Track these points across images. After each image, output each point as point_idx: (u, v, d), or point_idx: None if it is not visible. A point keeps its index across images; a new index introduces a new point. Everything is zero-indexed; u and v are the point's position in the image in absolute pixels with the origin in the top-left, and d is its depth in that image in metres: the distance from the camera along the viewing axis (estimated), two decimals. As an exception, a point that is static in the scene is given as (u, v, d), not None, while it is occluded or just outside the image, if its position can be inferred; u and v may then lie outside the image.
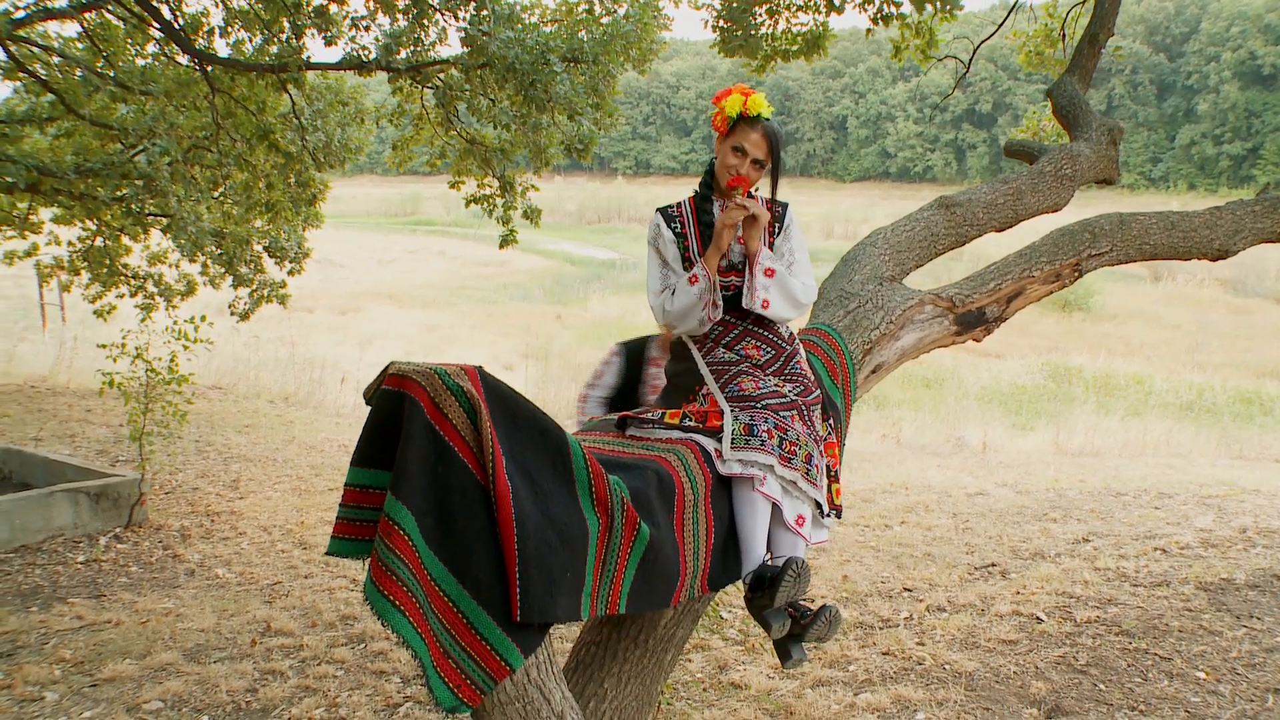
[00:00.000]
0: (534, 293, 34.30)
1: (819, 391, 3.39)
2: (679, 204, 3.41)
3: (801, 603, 3.22)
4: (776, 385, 3.25)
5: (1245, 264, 35.29)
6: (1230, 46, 71.43)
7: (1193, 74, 74.59)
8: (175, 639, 5.21)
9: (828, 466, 3.36)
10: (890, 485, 9.70)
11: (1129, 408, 16.81)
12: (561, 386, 16.25)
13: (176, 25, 9.36)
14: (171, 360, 7.04)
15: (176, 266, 12.26)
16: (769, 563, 3.17)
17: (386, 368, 2.41)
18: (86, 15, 9.46)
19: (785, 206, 3.41)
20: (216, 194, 10.97)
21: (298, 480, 9.06)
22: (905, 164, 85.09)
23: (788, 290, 3.28)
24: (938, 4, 7.90)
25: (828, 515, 3.33)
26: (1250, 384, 20.93)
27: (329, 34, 8.90)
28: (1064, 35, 8.46)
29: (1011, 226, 5.19)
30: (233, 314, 11.90)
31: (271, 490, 8.66)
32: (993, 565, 6.66)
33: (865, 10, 8.47)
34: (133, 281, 11.92)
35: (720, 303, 3.27)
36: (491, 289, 34.80)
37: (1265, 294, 35.57)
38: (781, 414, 3.15)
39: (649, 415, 3.29)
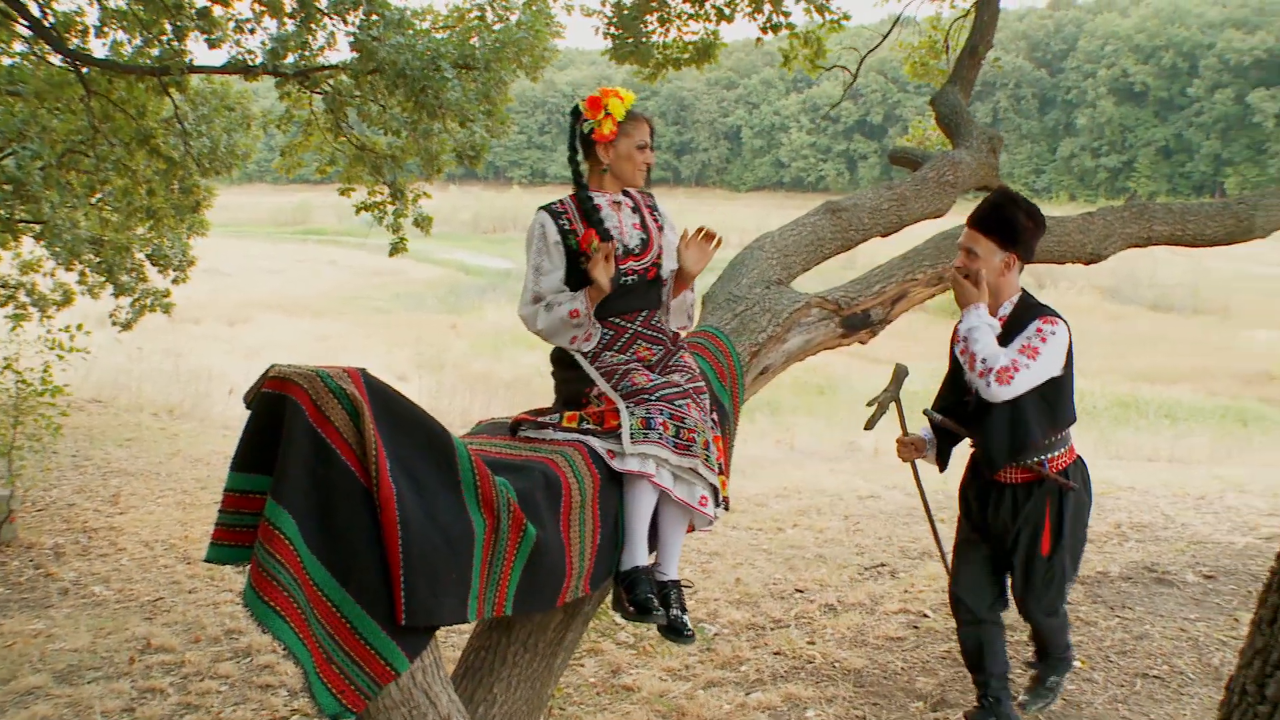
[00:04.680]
0: (428, 302, 33.83)
1: (704, 383, 3.44)
2: (561, 201, 3.44)
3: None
4: (666, 379, 3.28)
5: (1120, 272, 36.73)
6: (1105, 64, 74.50)
7: (1072, 89, 77.53)
8: (45, 660, 5.00)
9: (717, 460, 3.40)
10: (784, 489, 9.81)
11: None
12: (457, 396, 16.09)
13: (47, 23, 9.01)
14: (44, 371, 6.77)
15: (52, 275, 11.79)
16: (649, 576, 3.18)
17: (267, 370, 2.37)
18: (-52, 12, 9.05)
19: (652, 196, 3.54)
20: (94, 200, 10.59)
21: (182, 494, 8.79)
22: (799, 174, 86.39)
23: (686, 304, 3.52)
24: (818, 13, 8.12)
25: (718, 505, 3.36)
26: (1126, 388, 21.74)
27: (213, 36, 8.69)
28: (947, 47, 8.70)
29: (896, 231, 5.32)
30: (114, 324, 11.48)
31: (154, 505, 8.38)
32: (882, 565, 6.79)
33: (755, 19, 8.62)
34: (2, 291, 11.41)
35: (596, 333, 3.29)
36: (384, 298, 34.22)
37: (1140, 301, 37.00)
38: (676, 403, 3.17)
39: (545, 419, 3.28)
